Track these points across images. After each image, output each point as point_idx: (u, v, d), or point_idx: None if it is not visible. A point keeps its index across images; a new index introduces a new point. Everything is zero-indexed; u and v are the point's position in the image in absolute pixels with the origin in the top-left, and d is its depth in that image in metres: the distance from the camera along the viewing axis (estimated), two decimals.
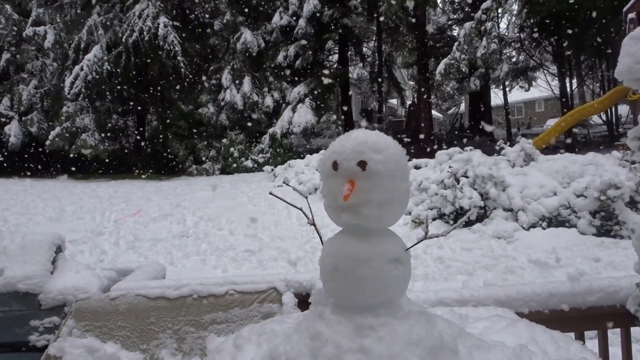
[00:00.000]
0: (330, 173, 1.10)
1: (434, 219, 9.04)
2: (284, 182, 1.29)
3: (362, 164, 1.06)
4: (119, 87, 18.91)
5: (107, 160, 18.12)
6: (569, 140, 17.89)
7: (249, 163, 17.59)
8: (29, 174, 16.46)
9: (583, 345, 1.27)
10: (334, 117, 21.42)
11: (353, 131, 1.13)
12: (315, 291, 1.16)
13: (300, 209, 1.28)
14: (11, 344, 2.91)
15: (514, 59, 27.31)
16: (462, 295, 2.41)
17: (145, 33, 17.78)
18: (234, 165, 17.58)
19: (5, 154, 17.55)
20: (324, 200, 1.12)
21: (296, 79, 19.83)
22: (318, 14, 19.43)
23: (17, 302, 2.94)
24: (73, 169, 17.39)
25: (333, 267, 1.09)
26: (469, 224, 8.74)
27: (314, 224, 1.22)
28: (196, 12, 20.53)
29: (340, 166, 1.08)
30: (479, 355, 1.01)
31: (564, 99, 22.95)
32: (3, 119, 18.27)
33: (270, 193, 1.32)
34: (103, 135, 18.61)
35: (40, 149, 18.03)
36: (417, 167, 11.19)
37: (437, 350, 0.99)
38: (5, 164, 17.18)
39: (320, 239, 1.20)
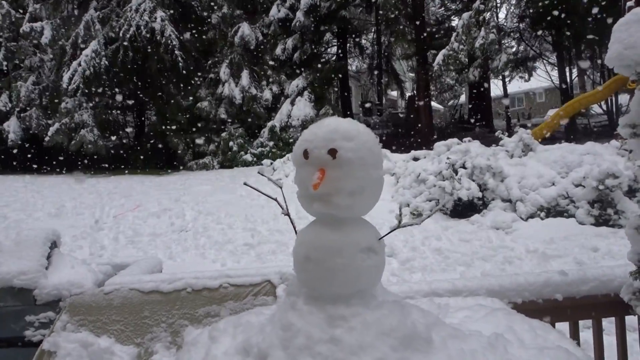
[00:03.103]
0: (302, 162, 1.09)
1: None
2: (258, 172, 1.26)
3: (333, 152, 1.04)
4: (117, 82, 18.85)
5: (106, 156, 18.10)
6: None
7: (248, 157, 17.58)
8: (28, 170, 16.47)
9: (562, 334, 1.27)
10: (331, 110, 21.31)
11: (325, 119, 1.11)
12: (289, 282, 1.15)
13: (275, 199, 1.27)
14: (7, 339, 2.92)
15: (513, 49, 27.16)
16: (455, 286, 2.41)
17: (142, 27, 17.69)
18: (234, 158, 17.58)
19: (5, 150, 17.56)
20: (297, 190, 1.11)
21: (294, 71, 19.76)
22: (316, 6, 19.33)
23: (12, 297, 2.96)
24: (69, 165, 17.39)
25: (305, 257, 1.08)
26: (467, 215, 8.74)
27: (288, 214, 1.21)
28: (193, 6, 20.42)
29: (311, 154, 1.06)
30: (454, 345, 1.01)
31: (564, 89, 22.87)
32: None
33: (245, 183, 1.31)
34: (102, 130, 18.58)
35: (39, 145, 18.02)
36: (415, 159, 11.17)
37: (410, 339, 0.99)
38: (4, 161, 17.18)
39: (294, 229, 1.19)
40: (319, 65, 20.42)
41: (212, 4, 20.18)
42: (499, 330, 1.15)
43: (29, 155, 17.57)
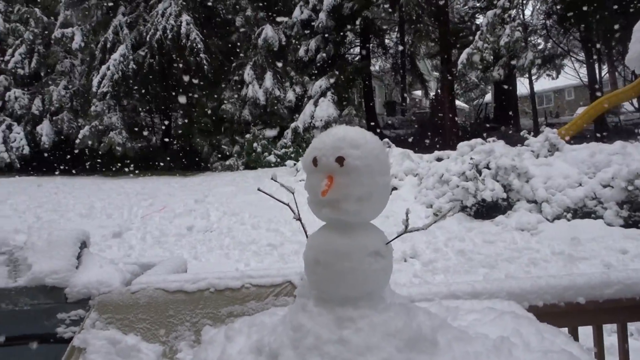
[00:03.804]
0: (311, 169, 1.13)
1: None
2: (272, 178, 1.30)
3: (340, 160, 1.08)
4: (144, 86, 19.27)
5: (134, 157, 18.52)
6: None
7: (272, 158, 17.73)
8: (60, 171, 16.98)
9: (569, 337, 1.28)
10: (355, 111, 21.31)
11: (334, 127, 1.16)
12: (300, 284, 1.20)
13: (287, 205, 1.31)
14: (40, 336, 3.04)
15: (540, 47, 26.59)
16: (474, 288, 2.39)
17: (168, 31, 18.06)
18: (258, 160, 17.76)
19: (38, 152, 18.18)
20: (307, 196, 1.16)
21: (318, 72, 19.83)
22: (338, 7, 19.36)
23: (44, 295, 3.08)
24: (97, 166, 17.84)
25: (315, 260, 1.13)
26: (491, 216, 8.64)
27: (299, 219, 1.26)
28: (218, 9, 20.71)
29: (320, 162, 1.11)
30: (459, 347, 1.04)
31: (593, 87, 22.31)
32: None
33: (259, 189, 1.36)
34: (130, 133, 19.03)
35: (70, 148, 18.56)
36: (439, 159, 11.10)
37: (415, 341, 1.02)
38: (37, 163, 17.77)
39: (305, 233, 1.23)
40: (342, 66, 20.44)
41: (236, 6, 20.40)
42: (505, 333, 1.17)
43: (61, 158, 18.11)
